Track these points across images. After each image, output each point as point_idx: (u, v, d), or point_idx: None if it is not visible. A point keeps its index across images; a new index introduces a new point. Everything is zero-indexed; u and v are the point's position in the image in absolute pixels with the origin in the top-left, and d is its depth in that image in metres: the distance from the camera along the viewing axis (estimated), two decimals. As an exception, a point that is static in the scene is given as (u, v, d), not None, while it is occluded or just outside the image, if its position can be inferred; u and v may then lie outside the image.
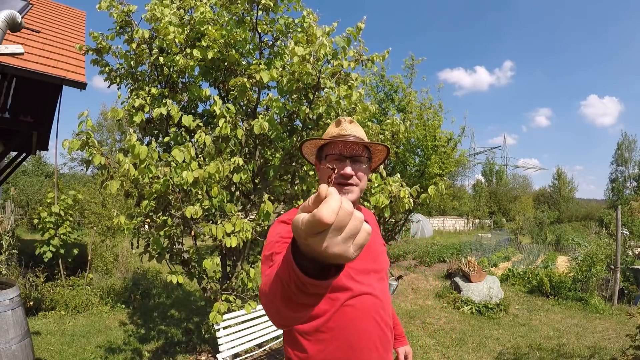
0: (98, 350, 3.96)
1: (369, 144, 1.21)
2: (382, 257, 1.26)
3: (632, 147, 37.86)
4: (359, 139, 1.21)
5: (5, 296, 2.70)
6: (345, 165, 1.16)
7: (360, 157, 1.19)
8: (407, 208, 3.15)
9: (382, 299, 1.18)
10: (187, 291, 6.50)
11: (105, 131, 27.29)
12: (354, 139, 1.19)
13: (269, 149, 3.57)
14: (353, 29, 2.92)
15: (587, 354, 4.32)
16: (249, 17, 3.22)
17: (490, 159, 43.54)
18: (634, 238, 10.54)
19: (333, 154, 1.18)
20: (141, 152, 2.49)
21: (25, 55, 3.90)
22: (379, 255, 1.24)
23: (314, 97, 2.87)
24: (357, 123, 1.27)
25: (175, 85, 3.40)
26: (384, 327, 1.17)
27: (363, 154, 1.20)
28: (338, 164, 1.17)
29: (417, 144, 8.22)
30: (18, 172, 18.21)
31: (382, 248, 1.29)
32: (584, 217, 31.84)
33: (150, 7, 2.97)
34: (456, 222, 30.64)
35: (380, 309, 1.17)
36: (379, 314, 1.16)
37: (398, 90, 8.56)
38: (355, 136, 1.21)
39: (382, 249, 1.27)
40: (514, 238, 17.01)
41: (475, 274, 6.87)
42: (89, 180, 19.48)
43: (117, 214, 3.02)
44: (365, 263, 1.17)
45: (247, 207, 3.51)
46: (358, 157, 1.19)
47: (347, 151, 1.18)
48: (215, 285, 3.49)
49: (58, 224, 5.80)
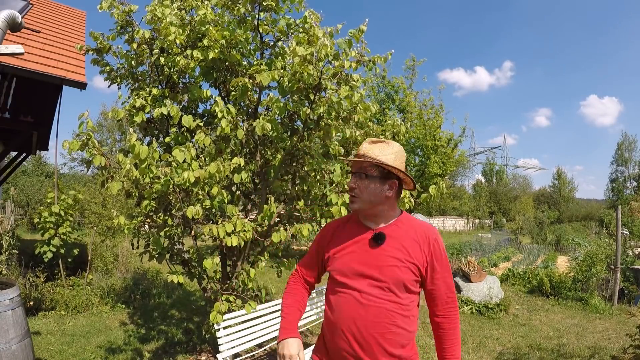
0: (98, 350, 3.96)
1: (359, 160, 1.39)
2: (390, 270, 1.34)
3: (632, 147, 37.91)
4: (365, 157, 1.38)
5: (5, 296, 2.70)
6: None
7: (361, 172, 1.38)
8: (407, 208, 3.15)
9: (364, 302, 1.32)
10: (187, 291, 6.50)
11: (106, 131, 27.29)
12: (357, 157, 1.40)
13: (269, 149, 3.57)
14: (355, 31, 2.92)
15: (587, 354, 4.33)
16: (250, 18, 3.21)
17: (490, 159, 43.58)
18: (634, 238, 10.55)
19: (350, 172, 1.46)
20: (142, 152, 2.49)
21: (25, 55, 3.90)
22: (386, 269, 1.34)
23: (315, 97, 2.87)
24: (385, 142, 1.42)
25: (175, 85, 3.40)
26: (360, 326, 1.31)
27: (367, 169, 1.38)
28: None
29: (417, 144, 8.23)
30: (18, 172, 18.19)
31: (397, 264, 1.34)
32: (584, 217, 31.86)
33: (151, 8, 2.96)
34: (456, 222, 30.66)
35: (359, 309, 1.32)
36: (357, 313, 1.32)
37: (399, 90, 8.58)
38: (362, 154, 1.39)
39: (395, 264, 1.34)
40: (514, 238, 17.03)
41: (475, 274, 6.87)
42: (89, 180, 19.49)
43: (117, 214, 3.02)
44: (364, 269, 1.35)
45: (247, 207, 3.51)
46: (358, 172, 1.40)
47: (352, 168, 1.45)
48: (215, 285, 3.49)
49: (58, 224, 5.79)
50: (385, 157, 1.36)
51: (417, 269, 1.35)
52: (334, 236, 1.48)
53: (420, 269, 1.36)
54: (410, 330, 1.36)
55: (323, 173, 3.39)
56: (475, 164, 42.56)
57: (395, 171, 1.37)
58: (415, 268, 1.35)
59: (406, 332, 1.34)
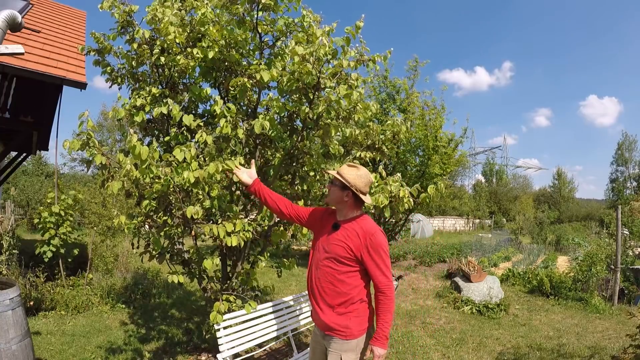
0: (98, 350, 3.96)
1: (333, 174, 2.15)
2: (334, 247, 2.04)
3: (633, 147, 37.90)
4: (337, 173, 2.12)
5: (5, 296, 2.70)
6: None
7: (332, 181, 2.15)
8: (406, 208, 3.15)
9: (319, 265, 2.09)
10: (187, 291, 6.50)
11: (106, 131, 27.31)
12: (333, 172, 2.15)
13: (269, 149, 3.57)
14: (352, 28, 2.91)
15: (587, 354, 4.32)
16: (249, 18, 3.21)
17: (490, 159, 43.60)
18: (634, 238, 10.54)
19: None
20: (142, 152, 2.49)
21: (26, 55, 3.90)
22: (332, 246, 2.05)
23: (314, 97, 2.87)
24: (355, 167, 2.13)
25: (176, 85, 3.40)
26: (314, 280, 2.11)
27: (335, 180, 2.12)
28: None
29: (418, 144, 8.23)
30: (18, 172, 18.20)
31: (339, 244, 2.02)
32: (584, 217, 31.81)
33: (152, 8, 2.97)
34: (456, 222, 30.63)
35: (316, 270, 2.11)
36: (315, 272, 2.12)
37: (400, 91, 8.57)
38: (336, 171, 2.15)
39: (337, 244, 2.03)
40: (514, 238, 17.02)
41: (475, 274, 6.87)
42: (89, 180, 19.50)
43: (118, 214, 3.02)
44: (323, 244, 2.11)
45: (247, 207, 3.51)
46: (331, 181, 2.17)
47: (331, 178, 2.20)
48: (215, 285, 3.49)
49: (58, 224, 5.79)
50: (347, 176, 2.06)
51: (351, 250, 1.98)
52: (322, 218, 2.22)
53: (354, 250, 1.98)
54: (343, 291, 2.00)
55: (323, 173, 3.39)
56: (475, 164, 42.61)
57: (349, 185, 2.04)
58: (349, 249, 1.99)
59: (340, 291, 2.01)
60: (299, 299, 3.61)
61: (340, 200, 2.08)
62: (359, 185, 2.06)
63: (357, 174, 2.08)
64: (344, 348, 2.02)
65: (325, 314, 2.04)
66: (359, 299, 2.03)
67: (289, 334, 3.37)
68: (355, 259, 1.99)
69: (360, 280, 2.04)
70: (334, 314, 2.02)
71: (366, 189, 2.11)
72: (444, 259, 11.11)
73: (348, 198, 2.07)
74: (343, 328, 2.01)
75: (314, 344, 2.25)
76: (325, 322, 2.04)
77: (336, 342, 2.03)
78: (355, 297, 2.02)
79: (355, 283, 2.02)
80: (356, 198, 2.07)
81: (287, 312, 3.39)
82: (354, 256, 1.99)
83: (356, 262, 2.00)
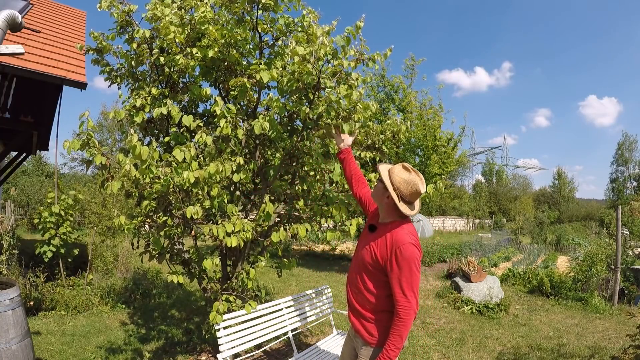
0: (98, 350, 3.96)
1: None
2: (365, 251, 1.94)
3: (633, 147, 37.89)
4: (383, 171, 1.97)
5: (5, 296, 2.70)
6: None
7: (379, 179, 1.99)
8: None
9: (353, 267, 2.04)
10: (187, 291, 6.50)
11: (106, 131, 27.32)
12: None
13: (269, 149, 3.56)
14: (352, 27, 2.91)
15: (587, 354, 4.32)
16: (249, 17, 3.21)
17: (490, 159, 43.59)
18: (634, 238, 10.55)
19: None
20: (142, 152, 2.48)
21: (26, 55, 3.90)
22: (364, 250, 1.95)
23: (314, 97, 2.86)
24: (407, 170, 1.93)
25: (175, 85, 3.39)
26: (349, 282, 2.05)
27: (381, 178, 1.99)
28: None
29: (417, 144, 8.23)
30: (18, 172, 18.20)
31: (368, 249, 1.92)
32: (584, 217, 31.83)
33: (151, 7, 2.96)
34: (456, 222, 30.62)
35: (351, 272, 2.05)
36: (350, 274, 2.06)
37: (398, 90, 8.57)
38: (387, 169, 1.97)
39: (367, 249, 1.93)
40: (514, 238, 17.02)
41: (475, 274, 6.87)
42: (89, 180, 19.49)
43: (118, 214, 3.01)
44: (360, 245, 2.03)
45: (247, 208, 3.51)
46: (380, 178, 2.01)
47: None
48: (215, 285, 3.49)
49: (58, 224, 5.79)
50: (394, 177, 1.88)
51: (377, 257, 1.84)
52: (374, 214, 2.10)
53: (379, 259, 1.84)
54: (368, 299, 1.89)
55: (323, 173, 3.39)
56: (475, 164, 42.60)
57: (392, 187, 1.87)
58: (375, 256, 1.85)
59: (366, 298, 1.91)
60: (299, 299, 3.61)
61: (381, 200, 1.93)
62: (402, 190, 1.86)
63: (405, 178, 1.87)
64: (372, 355, 1.90)
65: (354, 314, 1.99)
66: (386, 309, 1.86)
67: (289, 334, 3.37)
68: (380, 268, 1.84)
69: (388, 291, 1.85)
70: (361, 317, 1.94)
71: (411, 198, 1.88)
72: (444, 259, 11.11)
73: (389, 200, 1.89)
74: (368, 334, 1.91)
75: (347, 338, 2.18)
76: (353, 321, 1.99)
77: (364, 347, 1.93)
78: (382, 307, 1.87)
79: (383, 293, 1.87)
80: (394, 202, 1.89)
81: (287, 312, 3.39)
82: (379, 265, 1.84)
83: (382, 272, 1.85)
